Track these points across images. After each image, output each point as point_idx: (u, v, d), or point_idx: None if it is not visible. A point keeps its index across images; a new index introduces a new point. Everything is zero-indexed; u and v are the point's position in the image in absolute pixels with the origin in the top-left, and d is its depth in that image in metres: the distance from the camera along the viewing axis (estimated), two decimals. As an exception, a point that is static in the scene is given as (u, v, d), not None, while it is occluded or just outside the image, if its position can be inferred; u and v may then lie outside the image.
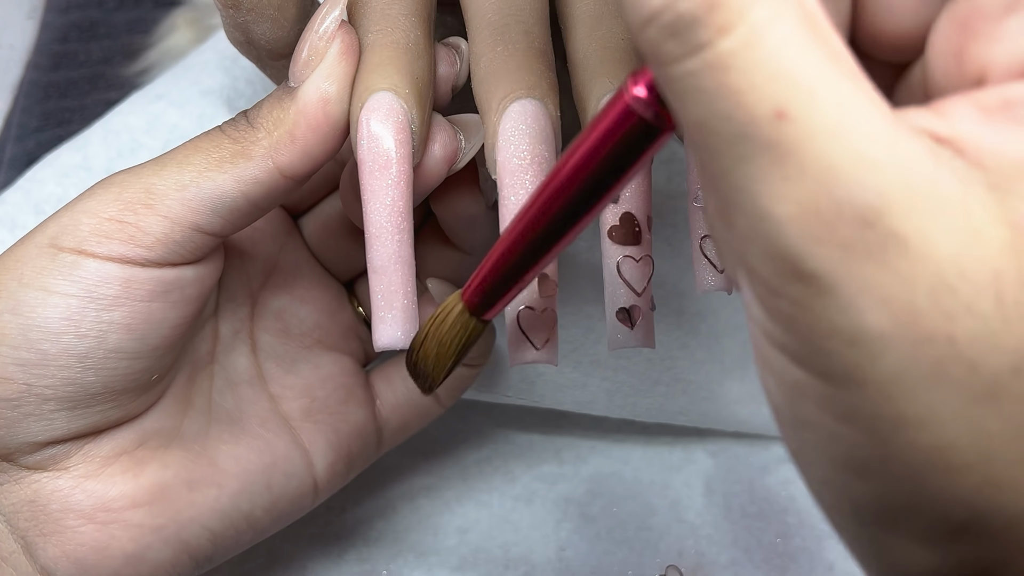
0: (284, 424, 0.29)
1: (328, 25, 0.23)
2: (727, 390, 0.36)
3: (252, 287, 0.30)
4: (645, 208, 0.23)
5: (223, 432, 0.28)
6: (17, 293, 0.24)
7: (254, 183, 0.24)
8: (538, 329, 0.22)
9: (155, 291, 0.24)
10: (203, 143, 0.24)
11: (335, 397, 0.30)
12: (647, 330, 0.23)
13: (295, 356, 0.30)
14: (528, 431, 0.38)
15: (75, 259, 0.23)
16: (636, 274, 0.23)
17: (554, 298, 0.23)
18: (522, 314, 0.22)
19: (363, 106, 0.23)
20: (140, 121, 0.38)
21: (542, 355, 0.22)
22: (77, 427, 0.25)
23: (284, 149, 0.24)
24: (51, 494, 0.25)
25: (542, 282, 0.24)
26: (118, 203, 0.24)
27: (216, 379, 0.29)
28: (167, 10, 0.51)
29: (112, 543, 0.25)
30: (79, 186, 0.37)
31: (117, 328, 0.24)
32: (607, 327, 0.23)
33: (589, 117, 0.23)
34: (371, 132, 0.23)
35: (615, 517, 0.36)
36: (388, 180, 0.23)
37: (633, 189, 0.23)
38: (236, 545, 0.28)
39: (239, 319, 0.29)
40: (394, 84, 0.23)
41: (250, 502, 0.28)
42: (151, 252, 0.24)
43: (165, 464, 0.26)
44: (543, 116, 0.23)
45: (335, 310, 0.31)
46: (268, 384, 0.30)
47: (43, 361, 0.24)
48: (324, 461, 0.29)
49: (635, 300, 0.23)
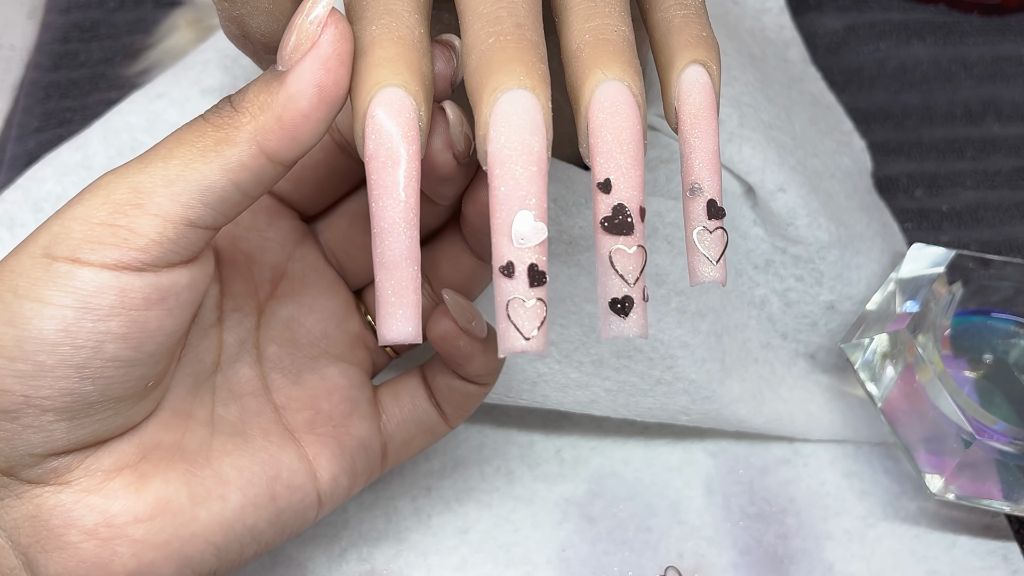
0: (288, 436, 0.29)
1: (319, 12, 0.23)
2: (728, 389, 0.36)
3: (259, 297, 0.29)
4: (638, 198, 0.23)
5: (226, 444, 0.28)
6: (12, 305, 0.23)
7: (241, 169, 0.23)
8: (527, 319, 0.22)
9: (151, 298, 0.24)
10: (185, 134, 0.24)
11: (340, 410, 0.30)
12: (640, 320, 0.23)
13: (301, 367, 0.30)
14: (529, 432, 0.38)
15: (69, 269, 0.23)
16: (629, 264, 0.23)
17: (544, 288, 0.23)
18: (511, 304, 0.22)
19: (371, 100, 0.23)
20: (140, 120, 0.38)
21: (531, 345, 0.22)
22: (77, 437, 0.25)
23: (271, 134, 0.23)
24: (53, 509, 0.25)
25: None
26: (107, 206, 0.23)
27: (219, 390, 0.28)
28: (168, 10, 0.51)
29: (114, 559, 0.25)
30: (79, 185, 0.37)
31: (113, 338, 0.24)
32: (600, 317, 0.23)
33: (582, 109, 0.23)
34: (381, 127, 0.23)
35: (615, 518, 0.36)
36: (399, 176, 0.23)
37: (625, 180, 0.23)
38: (240, 559, 0.28)
39: (245, 329, 0.29)
40: (404, 80, 0.23)
41: (254, 515, 0.27)
42: (146, 254, 0.23)
43: (167, 478, 0.26)
44: (534, 107, 0.22)
45: (343, 319, 0.31)
46: (273, 395, 0.29)
47: (40, 372, 0.23)
48: (328, 474, 0.29)
49: (628, 290, 0.23)
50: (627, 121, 0.23)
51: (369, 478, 0.31)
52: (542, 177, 0.22)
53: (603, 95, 0.23)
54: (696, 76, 0.24)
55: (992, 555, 0.35)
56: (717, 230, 0.24)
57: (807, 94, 0.44)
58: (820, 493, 0.37)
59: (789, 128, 0.39)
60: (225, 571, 0.28)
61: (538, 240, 0.22)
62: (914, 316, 0.35)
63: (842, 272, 0.37)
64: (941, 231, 0.44)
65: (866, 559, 0.35)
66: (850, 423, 0.38)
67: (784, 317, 0.38)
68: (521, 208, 0.22)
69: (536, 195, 0.22)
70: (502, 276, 0.22)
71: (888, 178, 0.46)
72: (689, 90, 0.24)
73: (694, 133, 0.24)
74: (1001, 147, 0.47)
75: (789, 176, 0.36)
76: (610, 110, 0.23)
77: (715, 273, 0.24)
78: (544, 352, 0.23)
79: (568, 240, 0.34)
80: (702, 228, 0.24)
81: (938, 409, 0.33)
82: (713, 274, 0.24)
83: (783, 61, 0.45)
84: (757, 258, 0.37)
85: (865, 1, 0.51)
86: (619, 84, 0.23)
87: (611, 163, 0.23)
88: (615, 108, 0.23)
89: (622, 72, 0.23)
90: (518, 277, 0.22)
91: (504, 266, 0.22)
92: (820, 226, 0.37)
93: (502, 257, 0.22)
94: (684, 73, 0.24)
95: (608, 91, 0.23)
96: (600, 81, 0.23)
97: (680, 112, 0.24)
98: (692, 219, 0.24)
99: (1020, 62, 0.49)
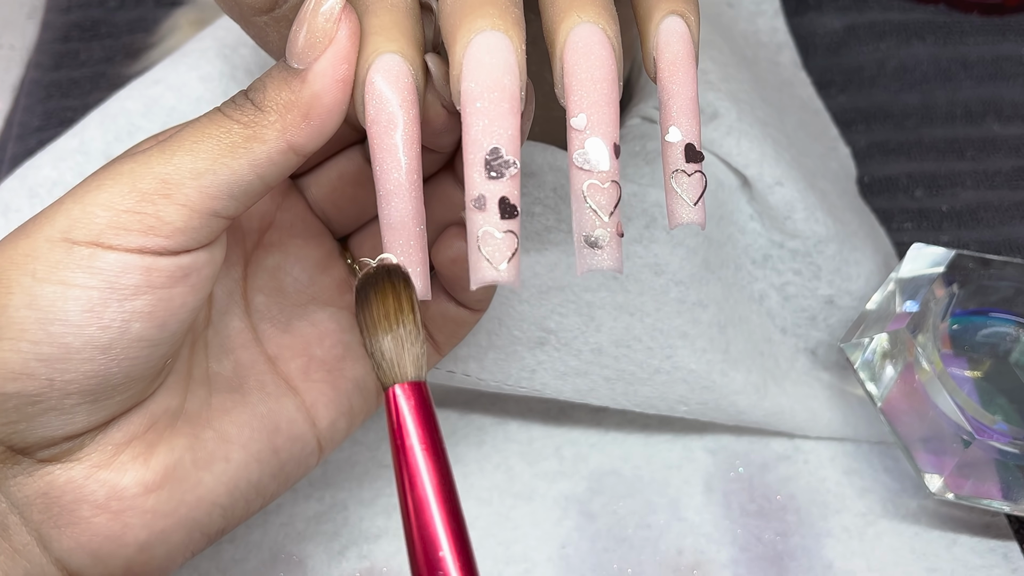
0: (284, 386, 0.29)
1: (332, 5, 0.23)
2: (730, 380, 0.36)
3: (246, 246, 0.30)
4: (611, 135, 0.23)
5: (225, 402, 0.28)
6: (32, 288, 0.23)
7: (269, 165, 0.24)
8: (497, 250, 0.23)
9: (175, 276, 0.24)
10: (211, 128, 0.24)
11: (333, 354, 0.30)
12: (615, 253, 0.23)
13: (290, 315, 0.30)
14: (528, 428, 0.38)
15: (92, 251, 0.23)
16: (603, 199, 0.23)
17: (516, 221, 0.23)
18: (483, 236, 0.23)
19: (370, 67, 0.24)
20: (137, 105, 0.38)
21: (502, 275, 0.23)
22: (96, 419, 0.25)
23: (299, 131, 0.24)
24: (64, 485, 0.25)
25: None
26: (134, 194, 0.24)
27: (212, 346, 0.29)
28: (169, 9, 0.51)
29: (126, 532, 0.25)
30: (75, 170, 0.37)
31: (140, 316, 0.24)
32: (575, 252, 0.24)
33: (557, 51, 0.24)
34: (380, 94, 0.24)
35: (615, 515, 0.36)
36: (400, 140, 0.24)
37: (598, 115, 0.23)
38: (246, 514, 0.28)
39: (232, 280, 0.29)
40: (400, 47, 0.24)
41: (258, 471, 0.28)
42: (170, 241, 0.24)
43: (173, 445, 0.26)
44: (507, 48, 0.23)
45: (328, 266, 0.31)
46: (265, 345, 0.29)
47: (66, 355, 0.23)
48: (326, 420, 0.29)
49: (601, 224, 0.23)
50: (600, 60, 0.23)
51: (366, 416, 0.31)
52: (514, 114, 0.23)
53: (577, 36, 0.24)
54: (674, 26, 0.25)
55: (992, 553, 0.35)
56: (696, 173, 0.25)
57: (797, 98, 0.45)
58: (820, 490, 0.37)
59: (782, 127, 0.39)
60: (232, 527, 0.28)
61: (509, 174, 0.23)
62: (914, 316, 0.35)
63: (840, 266, 0.37)
64: (941, 231, 0.44)
65: (866, 557, 0.35)
66: (851, 421, 0.38)
67: (783, 311, 0.38)
68: (493, 143, 0.23)
69: (508, 129, 0.23)
70: (474, 209, 0.23)
71: (888, 178, 0.46)
72: (667, 40, 0.25)
73: (672, 80, 0.25)
74: (1001, 147, 0.47)
75: (786, 170, 0.37)
76: (584, 51, 0.23)
77: (693, 215, 0.25)
78: (515, 283, 0.23)
79: (567, 229, 0.34)
80: (679, 171, 0.25)
81: (938, 408, 0.33)
82: (691, 216, 0.25)
83: (774, 64, 0.46)
84: (755, 252, 0.37)
85: (865, 1, 0.51)
86: (593, 26, 0.24)
87: (584, 100, 0.23)
88: (589, 48, 0.23)
89: (596, 15, 0.24)
90: (489, 209, 0.23)
91: (475, 199, 0.23)
92: (817, 220, 0.37)
93: (473, 190, 0.23)
94: (663, 24, 0.25)
95: (582, 32, 0.24)
96: (575, 24, 0.24)
97: (659, 61, 0.25)
98: (670, 163, 0.25)
99: (1020, 62, 0.49)
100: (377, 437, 0.38)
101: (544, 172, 0.34)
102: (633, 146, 0.36)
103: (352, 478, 0.37)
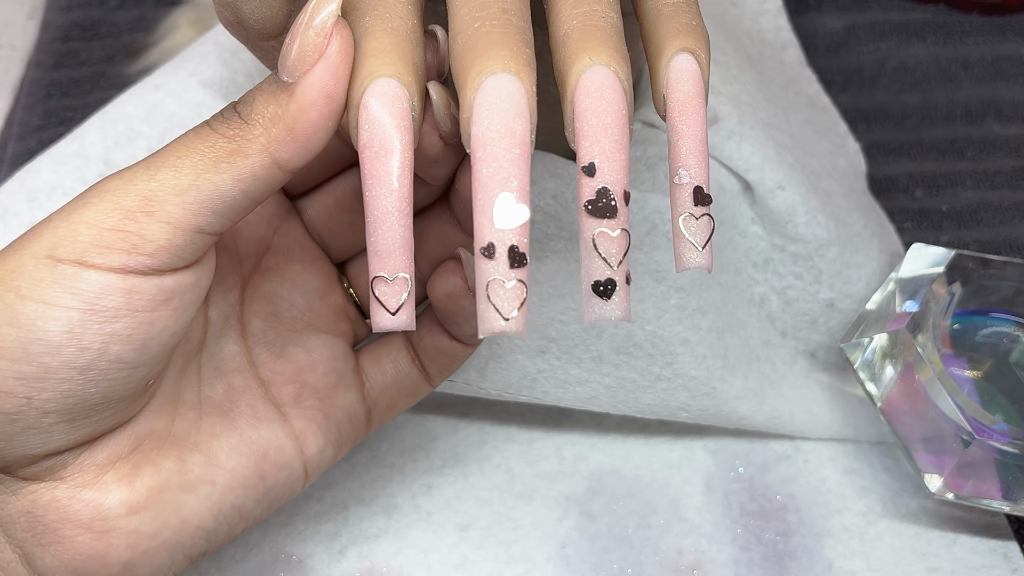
0: (275, 411, 0.29)
1: (325, 19, 0.23)
2: (730, 386, 0.36)
3: (243, 271, 0.30)
4: (622, 182, 0.23)
5: (214, 426, 0.28)
6: (15, 306, 0.23)
7: (253, 180, 0.24)
8: (506, 300, 0.23)
9: (157, 299, 0.24)
10: (195, 143, 0.24)
11: (325, 382, 0.30)
12: (623, 303, 0.23)
13: (285, 340, 0.30)
14: (529, 429, 0.38)
15: (75, 271, 0.23)
16: (612, 247, 0.23)
17: (525, 270, 0.23)
18: (491, 285, 0.22)
19: (365, 91, 0.23)
20: (137, 110, 0.38)
21: (510, 325, 0.23)
22: (75, 438, 0.25)
23: (283, 145, 0.23)
24: (48, 504, 0.25)
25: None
26: (117, 212, 0.23)
27: (205, 369, 0.28)
28: (169, 9, 0.51)
29: (110, 552, 0.25)
30: (74, 175, 0.37)
31: (119, 339, 0.24)
32: (583, 300, 0.23)
33: (568, 94, 0.23)
34: (374, 118, 0.23)
35: (615, 515, 0.36)
36: (393, 166, 0.23)
37: (609, 163, 0.23)
38: (228, 537, 0.28)
39: (229, 304, 0.29)
40: (397, 71, 0.23)
41: (243, 496, 0.28)
42: (153, 259, 0.24)
43: (159, 467, 0.26)
44: (518, 91, 0.23)
45: (325, 292, 0.31)
46: (258, 370, 0.29)
47: (44, 374, 0.23)
48: (315, 447, 0.29)
49: (611, 273, 0.23)
50: (612, 105, 0.23)
51: (353, 444, 0.31)
52: (525, 160, 0.23)
53: (589, 80, 0.23)
54: (684, 64, 0.25)
55: (992, 553, 0.35)
56: (703, 216, 0.24)
57: (803, 96, 0.45)
58: (820, 490, 0.37)
59: (787, 127, 0.39)
60: (214, 550, 0.28)
61: (519, 222, 0.22)
62: (914, 316, 0.35)
63: (841, 270, 0.37)
64: (941, 231, 0.44)
65: (866, 556, 0.35)
66: (851, 422, 0.38)
67: (783, 315, 0.38)
68: (503, 190, 0.22)
69: (518, 177, 0.22)
70: (483, 257, 0.22)
71: (888, 178, 0.46)
72: (677, 78, 0.25)
73: (682, 120, 0.24)
74: (1001, 147, 0.47)
75: (788, 174, 0.36)
76: (596, 95, 0.23)
77: (701, 259, 0.24)
78: (523, 333, 0.23)
79: (568, 236, 0.34)
80: (688, 214, 0.24)
81: (938, 408, 0.33)
82: (699, 260, 0.24)
83: (780, 63, 0.45)
84: (756, 256, 0.37)
85: (865, 1, 0.51)
86: (605, 69, 0.23)
87: (596, 147, 0.23)
88: (600, 93, 0.23)
89: (608, 58, 0.23)
90: (498, 258, 0.22)
91: (485, 247, 0.22)
92: (819, 224, 0.37)
93: (483, 238, 0.22)
94: (672, 61, 0.25)
95: (594, 76, 0.23)
96: (586, 66, 0.23)
97: (668, 100, 0.25)
98: (678, 206, 0.24)
99: (1020, 62, 0.49)
100: (377, 437, 0.38)
101: (545, 179, 0.34)
102: (634, 151, 0.36)
103: (352, 478, 0.37)
